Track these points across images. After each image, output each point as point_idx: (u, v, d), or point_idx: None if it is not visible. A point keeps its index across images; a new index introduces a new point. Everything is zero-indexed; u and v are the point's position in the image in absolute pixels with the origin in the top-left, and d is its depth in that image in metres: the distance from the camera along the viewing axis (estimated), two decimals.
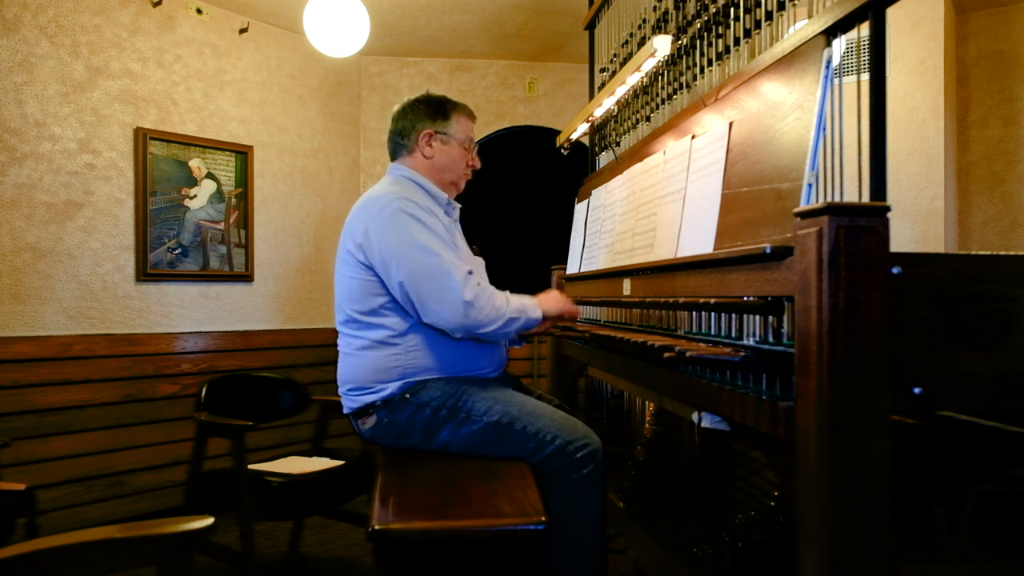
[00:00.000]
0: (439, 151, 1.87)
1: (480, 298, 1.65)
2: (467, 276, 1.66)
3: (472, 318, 1.63)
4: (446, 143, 1.88)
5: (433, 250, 1.65)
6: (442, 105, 1.89)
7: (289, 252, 3.86)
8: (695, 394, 1.35)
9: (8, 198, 2.83)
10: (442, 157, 1.88)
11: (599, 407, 3.10)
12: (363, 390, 1.73)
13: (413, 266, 1.65)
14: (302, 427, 3.55)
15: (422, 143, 1.86)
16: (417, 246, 1.65)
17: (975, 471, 1.75)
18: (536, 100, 4.43)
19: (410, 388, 1.70)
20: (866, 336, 0.96)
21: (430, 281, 1.64)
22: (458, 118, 1.90)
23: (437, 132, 1.87)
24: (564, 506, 1.53)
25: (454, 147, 1.89)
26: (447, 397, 1.68)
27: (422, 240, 1.66)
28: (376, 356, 1.72)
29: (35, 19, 2.91)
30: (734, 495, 1.89)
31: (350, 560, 2.76)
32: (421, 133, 1.86)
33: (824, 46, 1.27)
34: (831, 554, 0.96)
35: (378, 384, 1.71)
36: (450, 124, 1.88)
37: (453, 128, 1.89)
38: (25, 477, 2.69)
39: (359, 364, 1.73)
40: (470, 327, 1.65)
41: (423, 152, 1.87)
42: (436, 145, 1.87)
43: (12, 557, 0.99)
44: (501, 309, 1.68)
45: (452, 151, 1.89)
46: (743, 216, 1.37)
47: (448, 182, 1.91)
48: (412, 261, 1.65)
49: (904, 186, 3.27)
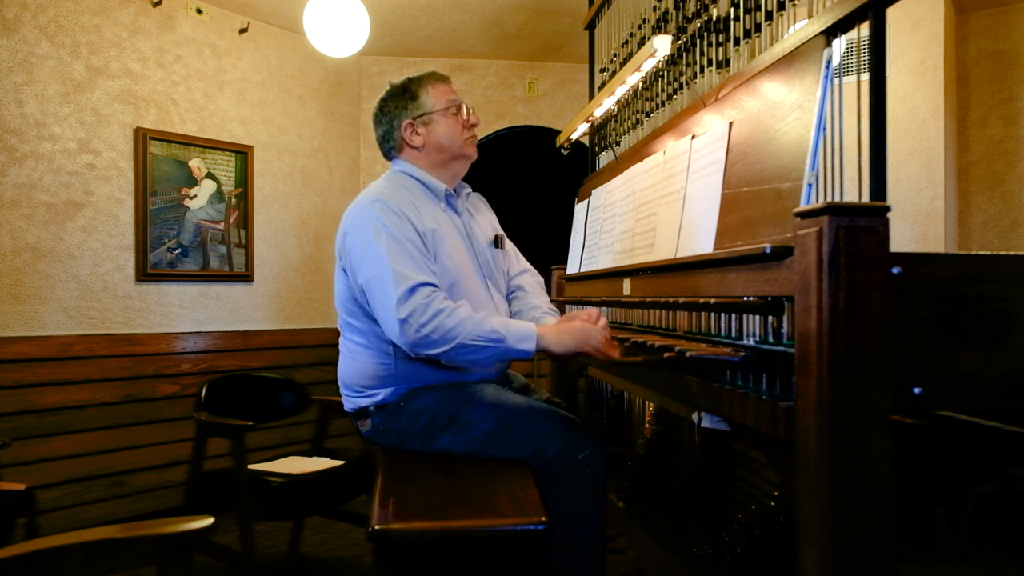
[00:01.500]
0: (427, 134, 1.76)
1: (419, 315, 1.49)
2: (415, 288, 1.51)
3: (410, 337, 1.50)
4: (429, 122, 1.75)
5: (384, 257, 1.54)
6: (407, 88, 1.77)
7: (289, 252, 3.86)
8: (695, 394, 1.35)
9: (8, 198, 2.83)
10: (434, 138, 1.76)
11: (599, 407, 3.10)
12: (358, 393, 1.72)
13: (367, 273, 1.58)
14: (302, 427, 3.55)
15: (407, 136, 1.76)
16: (372, 252, 1.57)
17: (975, 471, 1.75)
18: (536, 100, 4.43)
19: (404, 395, 1.67)
20: (866, 336, 0.96)
21: (373, 291, 1.56)
22: (428, 91, 1.76)
23: (415, 118, 1.75)
24: (565, 507, 1.53)
25: (440, 121, 1.76)
26: (442, 405, 1.63)
27: (373, 245, 1.57)
28: (367, 361, 1.69)
29: (35, 19, 2.91)
30: (734, 495, 1.89)
31: (350, 560, 2.76)
32: (402, 127, 1.76)
33: (824, 46, 1.27)
34: (831, 554, 0.96)
35: (370, 389, 1.69)
36: (422, 102, 1.75)
37: (428, 103, 1.75)
38: (25, 477, 2.68)
39: (353, 368, 1.72)
40: (413, 346, 1.51)
41: (411, 144, 1.77)
42: (421, 131, 1.76)
43: (12, 557, 0.99)
44: (451, 331, 1.49)
45: (440, 127, 1.76)
46: (743, 216, 1.37)
47: (453, 158, 1.79)
48: (366, 267, 1.58)
49: (904, 186, 3.27)
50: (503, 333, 1.53)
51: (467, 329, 1.50)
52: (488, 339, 1.51)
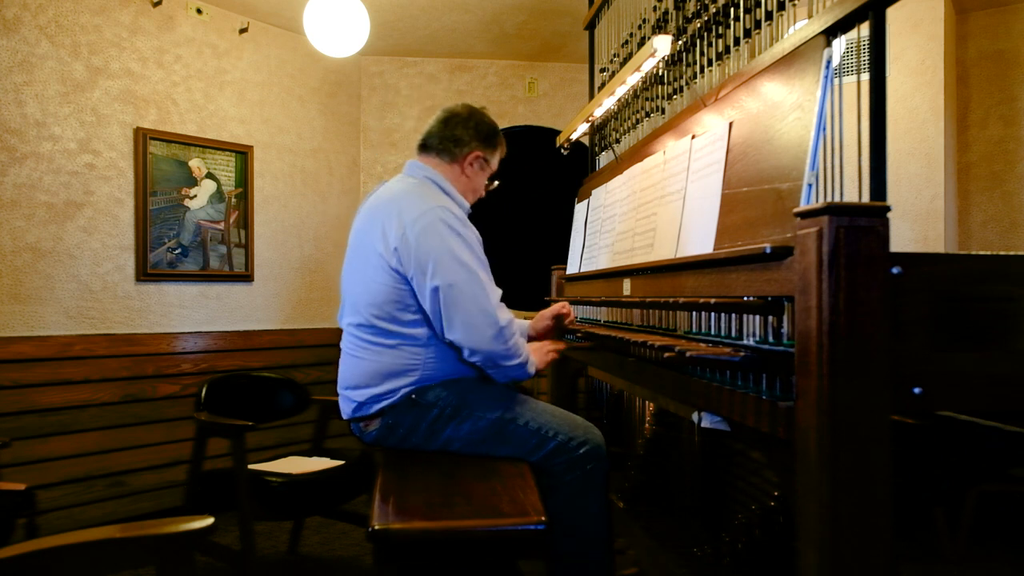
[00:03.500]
0: (475, 175, 1.91)
1: (511, 327, 1.66)
2: (500, 301, 1.67)
3: (499, 346, 1.64)
4: (483, 169, 1.93)
5: (471, 267, 1.63)
6: (495, 134, 1.94)
7: (289, 252, 3.86)
8: (695, 394, 1.35)
9: (8, 198, 2.83)
10: (475, 180, 1.93)
11: (599, 407, 3.10)
12: (369, 392, 1.71)
13: (450, 278, 1.61)
14: (302, 427, 3.55)
15: (469, 160, 1.88)
16: (455, 258, 1.62)
17: (975, 471, 1.75)
18: (536, 100, 4.42)
19: (417, 391, 1.70)
20: (866, 336, 0.96)
21: (463, 298, 1.61)
22: (499, 153, 1.96)
23: (484, 158, 1.91)
24: (568, 504, 1.53)
25: (483, 176, 1.95)
26: (451, 396, 1.68)
27: (459, 253, 1.63)
28: (390, 364, 1.69)
29: (35, 19, 2.91)
30: (734, 495, 1.89)
31: (350, 560, 2.76)
32: (473, 152, 1.88)
33: (824, 46, 1.27)
34: (831, 554, 0.96)
35: (387, 389, 1.69)
36: (494, 155, 1.94)
37: (494, 160, 1.96)
38: (25, 477, 2.69)
39: (369, 369, 1.70)
40: (495, 354, 1.65)
41: (465, 170, 1.89)
42: (476, 168, 1.91)
43: (12, 557, 0.98)
44: (523, 348, 1.70)
45: (481, 178, 1.94)
46: (743, 216, 1.37)
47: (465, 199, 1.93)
48: (450, 273, 1.62)
49: (904, 186, 3.27)
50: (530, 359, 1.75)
51: (525, 348, 1.73)
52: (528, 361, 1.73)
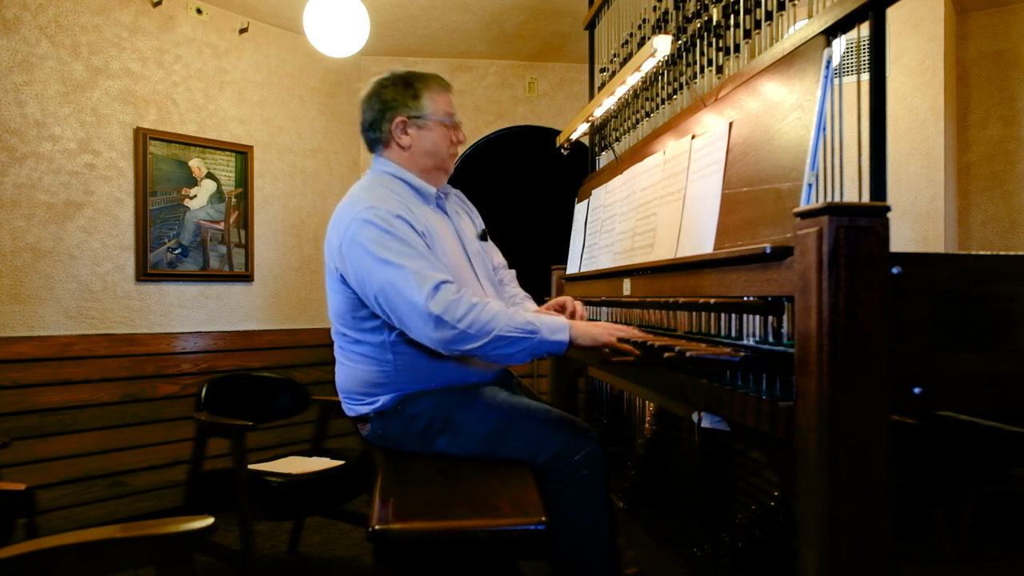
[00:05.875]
0: (417, 138, 1.68)
1: (453, 311, 1.45)
2: (439, 286, 1.48)
3: (445, 335, 1.46)
4: (423, 127, 1.68)
5: (394, 262, 1.50)
6: (410, 84, 1.69)
7: (289, 252, 3.86)
8: (695, 394, 1.35)
9: (8, 198, 2.83)
10: (422, 143, 1.69)
11: (599, 407, 3.10)
12: (356, 400, 1.71)
13: (379, 282, 1.52)
14: (302, 427, 3.55)
15: (396, 132, 1.68)
16: (379, 260, 1.52)
17: (975, 471, 1.75)
18: (536, 100, 4.43)
19: (401, 400, 1.65)
20: (866, 336, 0.96)
21: (395, 296, 1.50)
22: (431, 95, 1.69)
23: (411, 118, 1.68)
24: (567, 509, 1.52)
25: (433, 129, 1.69)
26: (438, 409, 1.62)
27: (382, 252, 1.52)
28: (366, 369, 1.67)
29: (35, 19, 2.91)
30: (734, 495, 1.89)
31: (350, 560, 2.76)
32: (394, 122, 1.68)
33: (824, 46, 1.27)
34: (831, 554, 0.96)
35: (369, 397, 1.68)
36: (423, 104, 1.68)
37: (428, 108, 1.68)
38: (25, 477, 2.68)
39: (351, 375, 1.70)
40: (447, 344, 1.47)
41: (399, 142, 1.69)
42: (412, 132, 1.68)
43: (12, 557, 0.98)
44: (487, 325, 1.46)
45: (431, 135, 1.69)
46: (743, 216, 1.37)
47: (433, 168, 1.73)
48: (378, 276, 1.52)
49: (904, 186, 3.27)
50: (537, 325, 1.49)
51: (502, 322, 1.47)
52: (524, 331, 1.48)
